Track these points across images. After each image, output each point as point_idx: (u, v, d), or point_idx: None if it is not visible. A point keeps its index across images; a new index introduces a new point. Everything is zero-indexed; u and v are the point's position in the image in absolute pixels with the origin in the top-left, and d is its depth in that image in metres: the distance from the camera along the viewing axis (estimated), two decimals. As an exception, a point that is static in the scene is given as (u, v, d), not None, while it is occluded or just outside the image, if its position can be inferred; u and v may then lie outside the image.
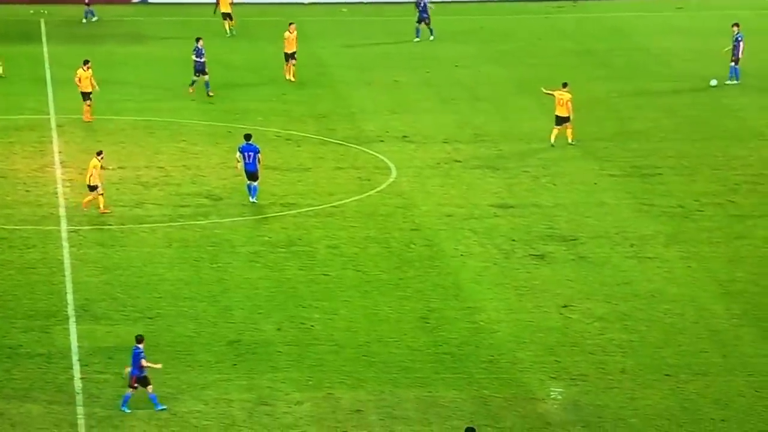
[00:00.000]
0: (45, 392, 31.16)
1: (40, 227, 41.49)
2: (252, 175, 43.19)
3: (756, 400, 31.41)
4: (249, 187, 43.36)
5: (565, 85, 49.72)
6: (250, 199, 43.31)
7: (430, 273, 38.45)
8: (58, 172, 46.65)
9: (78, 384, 31.61)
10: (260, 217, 42.73)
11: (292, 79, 57.74)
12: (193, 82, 55.45)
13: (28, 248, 39.85)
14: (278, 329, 34.66)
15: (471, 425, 27.53)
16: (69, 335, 34.07)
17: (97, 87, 51.82)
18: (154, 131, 51.68)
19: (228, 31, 66.52)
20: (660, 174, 47.41)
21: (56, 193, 44.49)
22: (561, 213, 43.39)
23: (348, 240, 40.80)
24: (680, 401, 31.37)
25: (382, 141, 50.74)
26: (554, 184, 46.21)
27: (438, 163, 48.11)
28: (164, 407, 30.22)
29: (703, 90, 58.61)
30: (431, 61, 63.12)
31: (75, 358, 32.89)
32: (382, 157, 48.84)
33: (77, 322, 34.85)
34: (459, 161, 48.48)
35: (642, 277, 38.32)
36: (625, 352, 33.79)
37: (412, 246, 40.50)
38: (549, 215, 43.17)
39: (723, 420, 30.51)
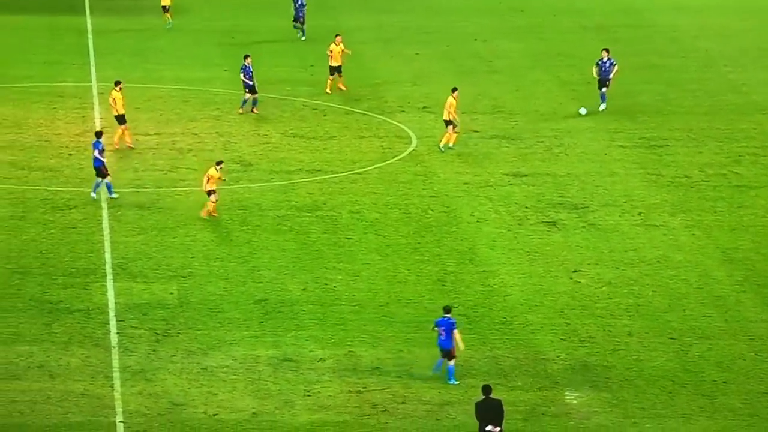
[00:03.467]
0: (83, 346, 30.94)
1: (81, 189, 41.20)
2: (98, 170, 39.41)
3: (756, 363, 30.98)
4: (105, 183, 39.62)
5: (454, 90, 45.14)
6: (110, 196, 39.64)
7: (447, 238, 38.06)
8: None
9: (114, 338, 31.40)
10: (287, 182, 42.35)
11: (329, 91, 51.29)
12: (244, 101, 48.79)
13: (70, 209, 39.58)
14: (303, 289, 34.35)
15: (487, 384, 27.07)
16: (106, 292, 33.83)
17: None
18: (189, 100, 51.27)
19: (166, 22, 62.21)
20: (667, 145, 46.83)
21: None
22: (572, 182, 42.90)
23: (370, 205, 40.40)
24: (684, 363, 30.97)
25: (403, 111, 50.26)
26: (566, 155, 45.69)
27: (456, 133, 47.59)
28: (456, 382, 29.40)
29: (708, 65, 57.93)
30: (450, 35, 62.50)
31: (112, 313, 32.67)
32: (403, 127, 48.38)
33: (114, 279, 34.61)
34: (476, 131, 47.97)
35: (649, 244, 37.85)
36: (632, 315, 33.38)
37: (431, 212, 40.09)
38: (561, 184, 42.68)
39: (725, 382, 30.10)
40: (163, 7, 63.14)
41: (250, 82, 48.52)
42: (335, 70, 51.61)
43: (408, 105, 50.99)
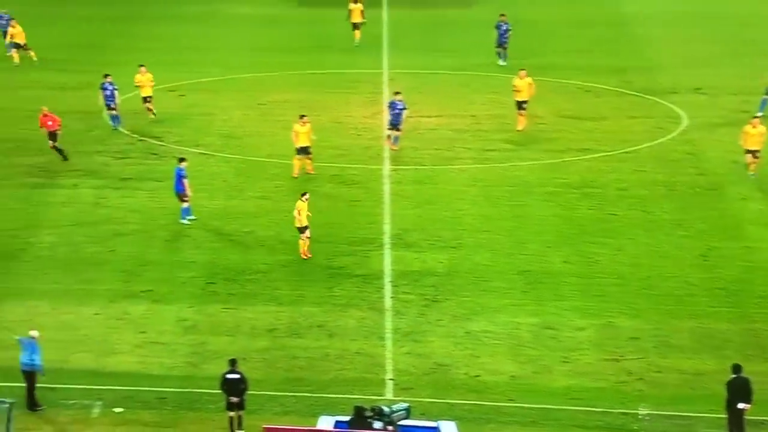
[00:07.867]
0: (359, 308, 31.47)
1: (367, 166, 41.90)
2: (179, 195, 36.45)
3: None
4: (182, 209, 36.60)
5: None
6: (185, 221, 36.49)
7: (712, 214, 36.68)
8: (386, 119, 46.95)
9: (388, 302, 31.80)
10: (557, 161, 41.78)
11: (520, 128, 44.04)
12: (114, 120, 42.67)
13: (355, 184, 40.30)
14: (565, 262, 33.81)
15: (737, 363, 25.81)
16: (383, 260, 34.27)
17: (314, 137, 40.81)
18: (469, 84, 51.34)
19: (355, 41, 57.57)
20: None
21: (382, 138, 44.82)
22: None
23: (637, 183, 39.38)
24: None
25: (675, 93, 48.76)
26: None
27: (727, 113, 45.78)
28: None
29: None
30: (723, 21, 60.18)
31: (387, 279, 33.07)
32: (674, 108, 46.91)
33: (391, 248, 35.02)
34: (747, 112, 45.99)
35: None
36: None
37: (697, 189, 38.73)
38: (832, 163, 40.45)
39: None
40: (354, 25, 58.07)
41: (108, 102, 42.77)
42: (521, 105, 44.16)
43: (680, 86, 49.43)
